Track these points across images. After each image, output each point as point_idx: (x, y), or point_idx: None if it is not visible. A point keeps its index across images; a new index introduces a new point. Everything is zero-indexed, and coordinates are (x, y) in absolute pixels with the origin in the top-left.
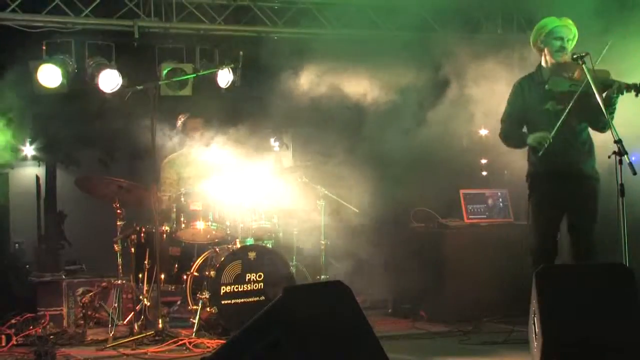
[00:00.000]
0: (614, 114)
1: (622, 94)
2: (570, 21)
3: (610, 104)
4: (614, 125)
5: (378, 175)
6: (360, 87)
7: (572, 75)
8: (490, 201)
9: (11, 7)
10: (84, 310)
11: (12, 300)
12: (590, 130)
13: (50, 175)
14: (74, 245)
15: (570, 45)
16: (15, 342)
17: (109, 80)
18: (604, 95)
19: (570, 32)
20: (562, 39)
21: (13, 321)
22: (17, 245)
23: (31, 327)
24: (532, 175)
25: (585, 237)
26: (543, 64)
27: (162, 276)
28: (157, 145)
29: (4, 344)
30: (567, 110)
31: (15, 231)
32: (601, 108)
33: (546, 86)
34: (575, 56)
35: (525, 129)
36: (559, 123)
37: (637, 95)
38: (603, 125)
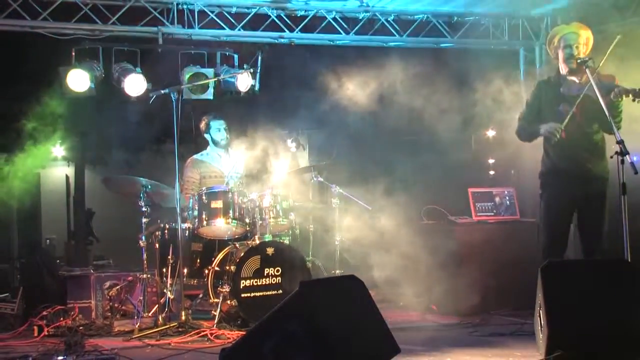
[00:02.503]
0: (620, 117)
1: (622, 98)
2: (579, 25)
3: (613, 108)
4: (618, 126)
5: (390, 175)
6: (373, 91)
7: (582, 79)
8: (497, 199)
9: (43, 16)
10: (111, 303)
11: (43, 293)
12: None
13: (79, 174)
14: (101, 241)
15: (583, 50)
16: (46, 333)
17: (135, 85)
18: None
19: (580, 37)
20: (570, 46)
21: (44, 313)
22: (48, 241)
23: (61, 319)
24: (545, 174)
25: (593, 236)
26: (559, 68)
27: (185, 271)
28: (179, 146)
29: (36, 335)
30: (571, 110)
31: (47, 228)
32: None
33: (561, 89)
34: (579, 61)
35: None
36: (567, 118)
37: (634, 100)
38: (610, 127)
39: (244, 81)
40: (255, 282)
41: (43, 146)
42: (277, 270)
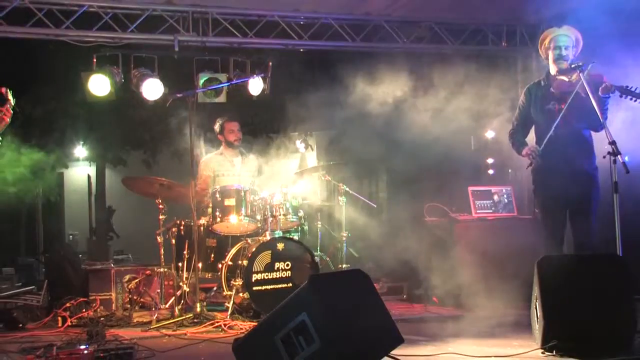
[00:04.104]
0: (606, 114)
1: (610, 95)
2: (570, 28)
3: (602, 104)
4: (609, 128)
5: (394, 174)
6: (378, 94)
7: (571, 78)
8: (496, 197)
9: (66, 24)
10: (130, 295)
11: (67, 286)
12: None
13: (100, 174)
14: (121, 237)
15: (573, 52)
16: (70, 323)
17: (152, 89)
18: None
19: (570, 39)
20: (560, 47)
21: (68, 305)
22: (71, 236)
23: (84, 310)
24: (536, 170)
25: (583, 229)
26: (549, 69)
27: (200, 265)
28: (194, 146)
29: (60, 325)
30: (565, 108)
31: (70, 224)
32: (594, 109)
33: (551, 88)
34: (573, 66)
35: (527, 137)
36: (557, 120)
37: (621, 96)
38: (597, 125)
39: (256, 85)
40: (266, 275)
41: (66, 146)
42: (287, 265)
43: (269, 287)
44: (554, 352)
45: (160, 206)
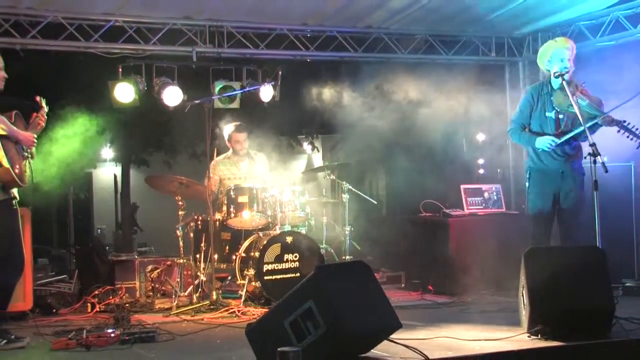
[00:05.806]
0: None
1: (605, 126)
2: (564, 39)
3: (593, 129)
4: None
5: (393, 174)
6: (378, 100)
7: (574, 92)
8: (486, 194)
9: (94, 38)
10: (152, 284)
11: (95, 275)
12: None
13: (125, 174)
14: (144, 231)
15: (572, 60)
16: (98, 309)
17: (172, 96)
18: (593, 121)
19: (568, 50)
20: (562, 60)
21: (96, 292)
22: (99, 230)
23: (111, 297)
24: (531, 169)
25: (569, 226)
26: (551, 78)
27: (216, 256)
28: (210, 148)
29: (89, 311)
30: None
31: (98, 219)
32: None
33: (552, 98)
34: (556, 74)
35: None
36: (567, 137)
37: (618, 132)
38: (584, 138)
39: (267, 93)
40: (277, 266)
41: (94, 148)
42: (295, 256)
43: (278, 276)
44: (539, 336)
45: (180, 203)
